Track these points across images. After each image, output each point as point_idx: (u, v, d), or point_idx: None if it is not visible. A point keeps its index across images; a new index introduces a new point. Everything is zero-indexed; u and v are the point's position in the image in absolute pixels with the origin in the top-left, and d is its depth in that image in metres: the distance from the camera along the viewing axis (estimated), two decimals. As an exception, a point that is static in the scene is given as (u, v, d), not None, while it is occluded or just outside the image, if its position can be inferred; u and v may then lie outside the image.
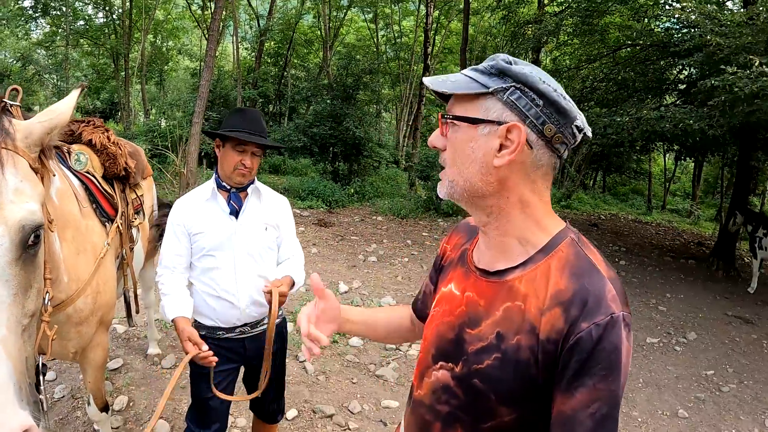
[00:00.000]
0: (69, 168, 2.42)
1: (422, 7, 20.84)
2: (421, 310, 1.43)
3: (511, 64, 0.99)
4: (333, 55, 21.13)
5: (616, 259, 9.79)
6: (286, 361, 2.82)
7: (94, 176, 2.54)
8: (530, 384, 0.96)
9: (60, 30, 21.79)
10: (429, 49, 16.41)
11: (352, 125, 13.91)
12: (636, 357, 5.30)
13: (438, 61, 23.86)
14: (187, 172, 11.80)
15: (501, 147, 0.98)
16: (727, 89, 6.35)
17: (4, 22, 20.05)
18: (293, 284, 2.29)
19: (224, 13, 19.63)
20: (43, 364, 1.42)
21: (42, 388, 1.40)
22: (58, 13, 21.25)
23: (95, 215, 2.42)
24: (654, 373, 5.01)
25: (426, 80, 1.06)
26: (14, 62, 22.59)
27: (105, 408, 2.67)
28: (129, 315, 3.11)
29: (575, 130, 1.00)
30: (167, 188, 11.78)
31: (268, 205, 2.41)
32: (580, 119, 1.00)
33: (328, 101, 15.55)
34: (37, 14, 21.36)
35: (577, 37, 13.60)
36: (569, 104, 0.98)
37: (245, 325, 2.35)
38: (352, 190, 13.77)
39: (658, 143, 12.20)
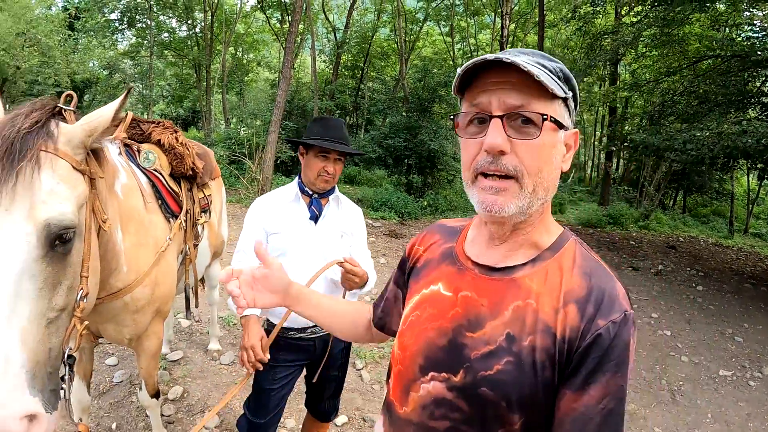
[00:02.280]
0: (138, 165, 2.55)
1: (498, 20, 20.75)
2: (380, 318, 1.37)
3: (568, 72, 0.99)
4: (409, 68, 21.36)
5: (693, 284, 9.37)
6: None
7: (161, 174, 2.64)
8: (546, 386, 0.94)
9: (145, 41, 23.17)
10: (504, 63, 16.27)
11: (427, 138, 13.99)
12: (706, 390, 5.08)
13: (513, 74, 23.59)
14: (262, 178, 12.30)
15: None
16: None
17: (92, 33, 21.46)
18: (366, 281, 2.28)
19: (302, 26, 20.30)
20: (70, 356, 1.46)
21: (66, 377, 1.45)
22: (143, 25, 22.67)
23: (160, 211, 2.52)
24: (724, 408, 4.76)
25: (505, 53, 0.93)
26: (101, 71, 24.06)
27: (156, 395, 2.77)
28: (188, 308, 3.21)
29: None
30: (243, 193, 12.31)
31: (346, 214, 2.48)
32: None
33: (404, 113, 15.78)
34: (123, 26, 22.86)
35: (656, 48, 13.21)
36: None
37: (316, 325, 2.40)
38: (426, 203, 13.86)
39: (741, 161, 11.60)
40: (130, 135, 2.72)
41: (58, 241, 1.39)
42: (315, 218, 2.39)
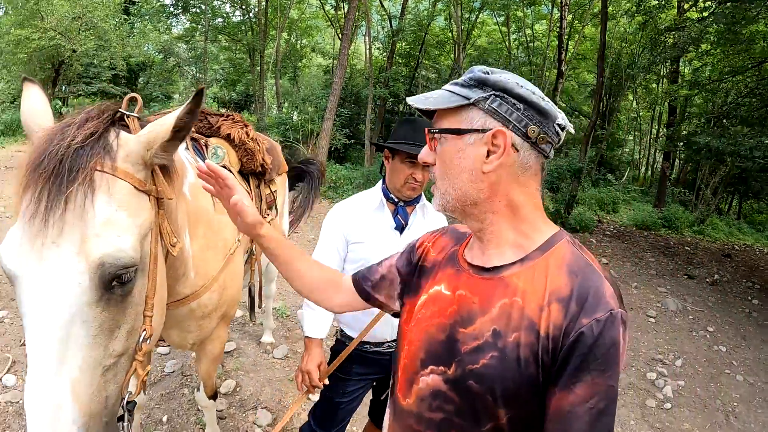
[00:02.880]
0: (205, 161, 2.45)
1: (555, 11, 20.32)
2: (367, 291, 1.41)
3: (488, 74, 1.04)
4: (464, 58, 21.15)
5: (749, 297, 9.11)
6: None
7: (230, 171, 2.39)
8: (530, 382, 0.96)
9: (199, 26, 23.46)
10: (562, 55, 16.02)
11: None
12: (761, 413, 4.90)
13: (571, 67, 23.10)
14: (316, 165, 12.46)
15: (488, 153, 1.03)
16: None
17: (147, 17, 21.85)
18: None
19: (357, 13, 20.30)
20: (130, 401, 1.29)
21: (125, 424, 1.28)
22: (197, 10, 22.99)
23: None
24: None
25: (409, 100, 1.09)
26: (156, 54, 24.50)
27: (214, 396, 2.70)
28: (252, 309, 3.02)
29: (558, 129, 1.05)
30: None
31: (432, 223, 2.28)
32: (561, 117, 1.05)
33: (460, 104, 15.62)
34: (177, 11, 23.23)
35: (720, 47, 12.74)
36: (548, 104, 1.04)
37: (395, 340, 2.30)
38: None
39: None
40: (198, 128, 2.59)
41: (115, 282, 1.18)
42: (401, 228, 2.24)
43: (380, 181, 2.30)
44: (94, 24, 16.21)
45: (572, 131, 1.09)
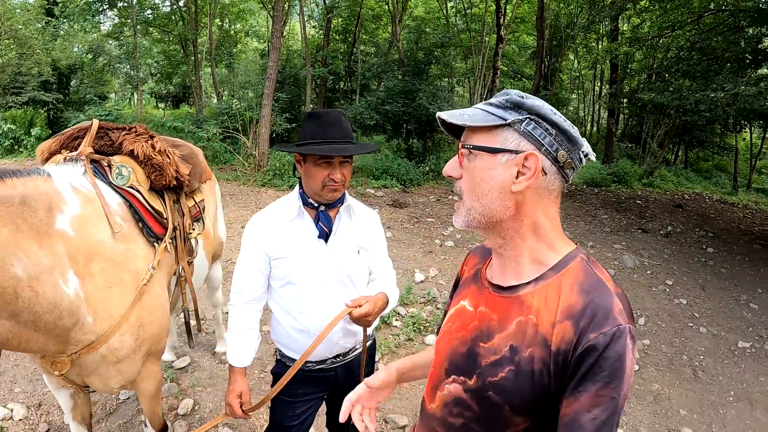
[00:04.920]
0: (110, 184, 2.20)
1: (491, -24, 20.05)
2: None
3: (523, 98, 1.07)
4: (402, 30, 20.74)
5: (704, 246, 9.16)
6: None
7: (139, 191, 2.27)
8: (543, 394, 1.02)
9: (128, 21, 22.41)
10: (501, 20, 15.79)
11: (425, 101, 13.53)
12: (727, 364, 4.89)
13: (510, 31, 22.95)
14: (258, 153, 12.00)
15: (518, 174, 1.06)
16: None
17: (72, 17, 20.79)
18: (387, 302, 2.01)
19: (290, -8, 19.62)
20: None
21: None
22: (125, 4, 21.88)
23: (141, 235, 2.18)
24: (746, 384, 4.57)
25: (442, 114, 1.10)
26: (85, 55, 23.38)
27: (164, 429, 2.55)
28: (189, 335, 2.86)
29: (581, 156, 1.10)
30: (240, 170, 12.01)
31: (361, 224, 2.10)
32: (586, 146, 1.10)
33: (400, 77, 15.30)
34: (104, 7, 22.09)
35: (659, 2, 12.75)
36: (576, 132, 1.08)
37: (337, 356, 2.13)
38: (427, 168, 13.49)
39: (756, 122, 11.28)
40: (99, 147, 2.30)
41: None
42: (325, 236, 2.00)
43: (297, 186, 2.05)
44: (15, 32, 15.20)
45: (594, 159, 1.13)
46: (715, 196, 16.42)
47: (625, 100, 15.89)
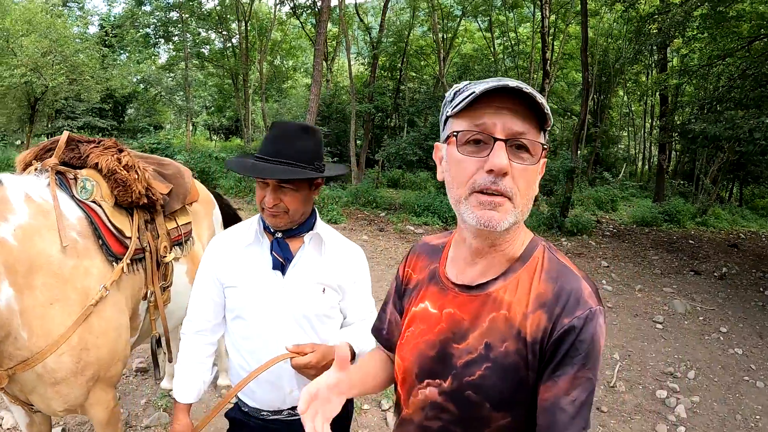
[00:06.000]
0: (74, 197, 2.12)
1: (537, 12, 20.06)
2: (388, 340, 1.37)
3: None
4: (449, 66, 20.89)
5: (761, 289, 8.58)
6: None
7: (101, 206, 2.16)
8: (522, 386, 1.01)
9: (182, 53, 23.42)
10: (548, 55, 15.71)
11: (471, 138, 13.51)
12: None
13: (558, 67, 22.84)
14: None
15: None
16: None
17: (128, 49, 21.84)
18: (353, 355, 1.70)
19: (337, 29, 19.95)
20: None
21: None
22: (179, 39, 22.93)
23: (100, 253, 2.07)
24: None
25: (515, 83, 0.94)
26: (138, 84, 24.47)
27: None
28: (156, 365, 2.57)
29: None
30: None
31: (333, 260, 1.78)
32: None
33: (445, 113, 15.31)
34: (157, 39, 23.18)
35: (707, 30, 12.43)
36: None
37: (293, 407, 1.82)
38: (469, 206, 13.37)
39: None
40: (68, 159, 2.25)
41: None
42: (281, 267, 1.72)
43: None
44: (65, 58, 16.09)
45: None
46: (773, 235, 15.63)
47: (676, 134, 15.42)
